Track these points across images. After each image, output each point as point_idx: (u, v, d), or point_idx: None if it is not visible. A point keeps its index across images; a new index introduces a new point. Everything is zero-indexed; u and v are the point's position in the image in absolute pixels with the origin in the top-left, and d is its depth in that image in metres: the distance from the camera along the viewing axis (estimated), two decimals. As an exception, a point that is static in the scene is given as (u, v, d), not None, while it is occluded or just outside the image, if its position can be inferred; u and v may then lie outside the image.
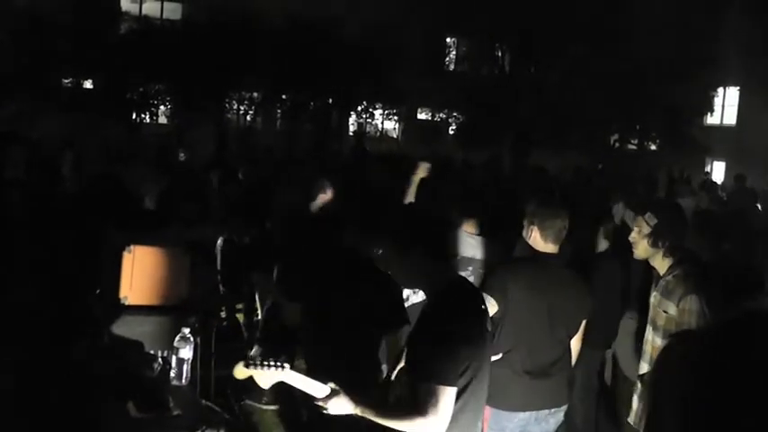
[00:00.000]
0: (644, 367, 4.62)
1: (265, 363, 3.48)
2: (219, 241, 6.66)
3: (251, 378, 3.44)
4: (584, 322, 5.03)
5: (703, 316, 4.23)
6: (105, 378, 3.51)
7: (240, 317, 8.22)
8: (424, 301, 3.85)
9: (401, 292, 4.81)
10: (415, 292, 5.71)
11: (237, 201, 8.66)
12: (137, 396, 3.53)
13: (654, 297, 4.56)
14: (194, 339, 4.04)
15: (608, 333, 6.59)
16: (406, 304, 5.57)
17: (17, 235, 5.81)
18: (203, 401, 4.30)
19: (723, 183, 22.38)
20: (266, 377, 3.51)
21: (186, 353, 3.95)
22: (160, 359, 3.80)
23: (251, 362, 3.53)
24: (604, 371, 6.96)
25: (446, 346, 3.31)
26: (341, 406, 3.42)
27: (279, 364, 3.50)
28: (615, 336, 6.62)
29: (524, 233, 4.98)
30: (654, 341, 4.52)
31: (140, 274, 3.95)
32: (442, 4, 22.73)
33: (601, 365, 6.85)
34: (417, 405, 3.27)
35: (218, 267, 6.57)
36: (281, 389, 3.59)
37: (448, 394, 3.25)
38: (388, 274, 4.53)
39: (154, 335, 3.90)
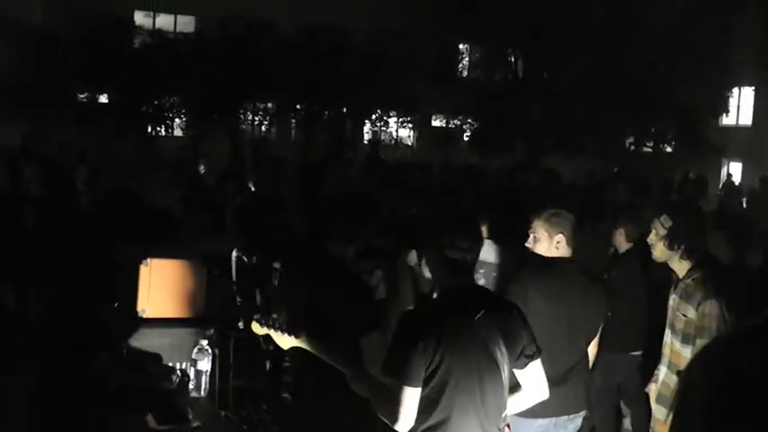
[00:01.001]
0: (662, 370, 4.59)
1: (282, 329, 3.56)
2: (234, 253, 6.66)
3: None
4: (600, 326, 5.02)
5: (723, 320, 4.19)
6: (124, 391, 3.52)
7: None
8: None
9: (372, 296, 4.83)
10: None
11: (246, 212, 8.67)
12: (156, 408, 3.54)
13: (672, 300, 4.53)
14: (212, 351, 4.04)
15: (634, 335, 6.56)
16: None
17: (33, 250, 5.83)
18: (222, 413, 4.31)
19: (741, 184, 22.24)
20: (284, 340, 3.58)
21: (204, 364, 3.97)
22: (179, 371, 3.82)
23: (265, 323, 3.59)
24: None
25: (412, 346, 3.33)
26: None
27: (296, 333, 3.57)
28: (644, 338, 6.59)
29: (532, 241, 4.97)
30: (672, 344, 4.49)
31: (158, 286, 3.97)
32: (454, 11, 22.72)
33: (637, 368, 6.78)
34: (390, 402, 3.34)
35: (234, 278, 6.58)
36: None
37: (409, 394, 3.29)
38: (358, 278, 4.61)
39: (172, 347, 3.91)
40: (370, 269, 5.98)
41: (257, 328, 3.67)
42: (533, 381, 3.71)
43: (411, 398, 3.33)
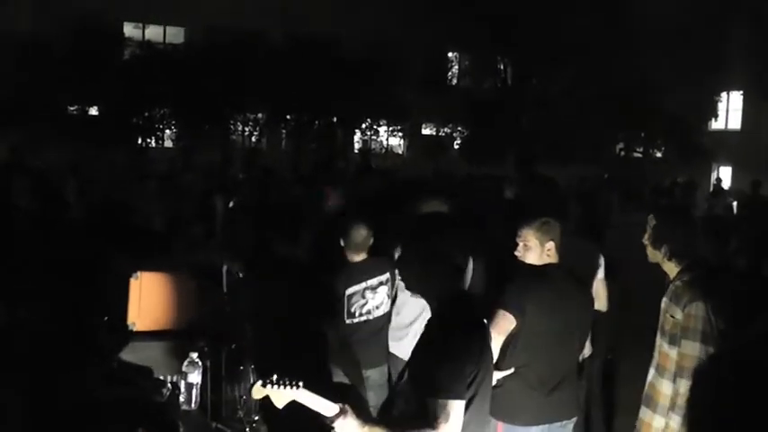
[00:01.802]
0: (651, 372, 4.59)
1: (281, 382, 3.50)
2: (224, 264, 6.66)
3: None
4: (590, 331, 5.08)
5: (708, 322, 4.20)
6: (114, 404, 3.51)
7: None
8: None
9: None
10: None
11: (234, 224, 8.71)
12: (147, 422, 3.52)
13: (663, 302, 4.55)
14: (203, 363, 4.03)
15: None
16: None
17: (23, 262, 5.82)
18: (214, 425, 4.29)
19: (731, 187, 22.33)
20: (281, 396, 3.53)
21: (195, 377, 3.95)
22: (169, 384, 3.80)
23: (268, 381, 3.54)
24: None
25: (453, 359, 3.31)
26: (349, 425, 3.42)
27: (294, 383, 3.51)
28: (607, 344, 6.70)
29: (522, 250, 4.97)
30: (661, 346, 4.50)
31: (148, 299, 3.96)
32: (442, 19, 22.78)
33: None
34: (427, 420, 3.27)
35: (225, 290, 6.57)
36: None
37: (457, 407, 3.27)
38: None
39: (162, 360, 3.90)
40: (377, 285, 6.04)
41: (258, 392, 3.63)
42: None
43: (461, 411, 3.30)
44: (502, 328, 4.60)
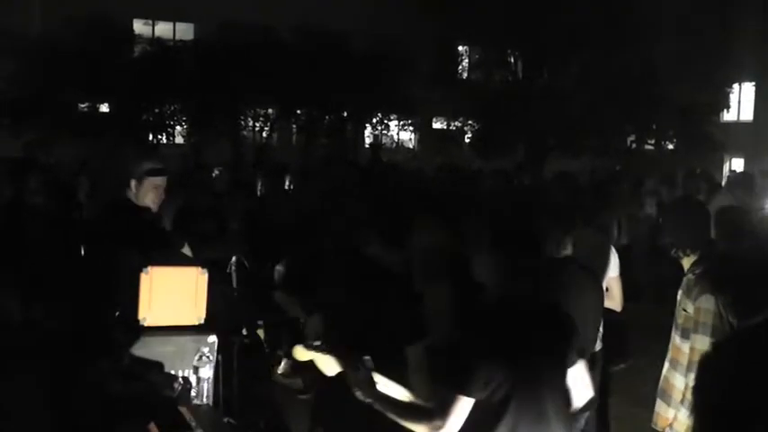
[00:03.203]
0: (665, 366, 4.58)
1: (327, 350, 3.50)
2: (233, 259, 6.68)
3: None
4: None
5: (718, 316, 4.18)
6: (126, 400, 3.52)
7: (261, 333, 8.22)
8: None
9: (420, 302, 4.78)
10: None
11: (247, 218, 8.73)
12: (158, 417, 3.53)
13: (678, 295, 4.54)
14: (216, 358, 4.04)
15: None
16: None
17: (35, 260, 5.84)
18: (226, 420, 4.30)
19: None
20: (330, 364, 3.53)
21: (206, 372, 3.96)
22: (181, 379, 3.80)
23: (312, 345, 3.54)
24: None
25: (473, 355, 3.29)
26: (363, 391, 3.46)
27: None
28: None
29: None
30: (674, 339, 4.49)
31: (158, 294, 3.95)
32: (452, 12, 22.72)
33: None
34: (433, 408, 3.28)
35: (235, 285, 6.60)
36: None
37: (461, 403, 3.25)
38: (408, 283, 4.58)
39: (174, 355, 3.90)
40: None
41: (301, 354, 3.62)
42: (581, 379, 3.68)
43: (465, 408, 3.28)
44: None
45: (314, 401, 4.91)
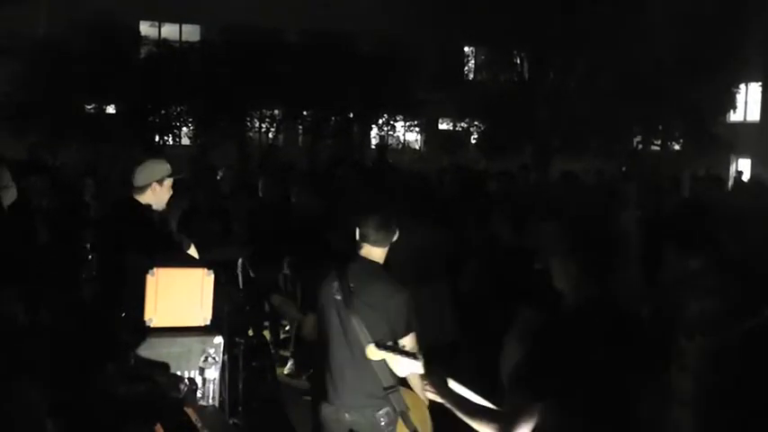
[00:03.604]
0: (672, 368, 4.58)
1: (400, 351, 3.48)
2: (240, 261, 6.69)
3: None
4: None
5: (712, 317, 4.18)
6: (132, 401, 3.52)
7: (267, 334, 8.23)
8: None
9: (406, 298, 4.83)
10: None
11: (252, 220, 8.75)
12: (164, 418, 3.54)
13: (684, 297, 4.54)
14: (222, 359, 4.05)
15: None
16: None
17: (42, 262, 5.86)
18: (232, 421, 4.31)
19: (750, 180, 22.17)
20: (402, 365, 3.51)
21: (212, 373, 3.97)
22: (187, 380, 3.81)
23: (385, 345, 3.53)
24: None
25: (552, 361, 3.25)
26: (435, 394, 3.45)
27: (412, 352, 3.49)
28: None
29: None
30: (679, 341, 4.49)
31: (164, 295, 3.96)
32: (458, 13, 22.71)
33: None
34: (505, 412, 3.24)
35: (241, 286, 6.61)
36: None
37: (533, 410, 3.21)
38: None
39: (180, 356, 3.91)
40: None
41: (374, 353, 3.61)
42: None
43: (536, 415, 3.24)
44: None
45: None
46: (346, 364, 4.80)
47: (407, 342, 4.68)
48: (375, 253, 4.91)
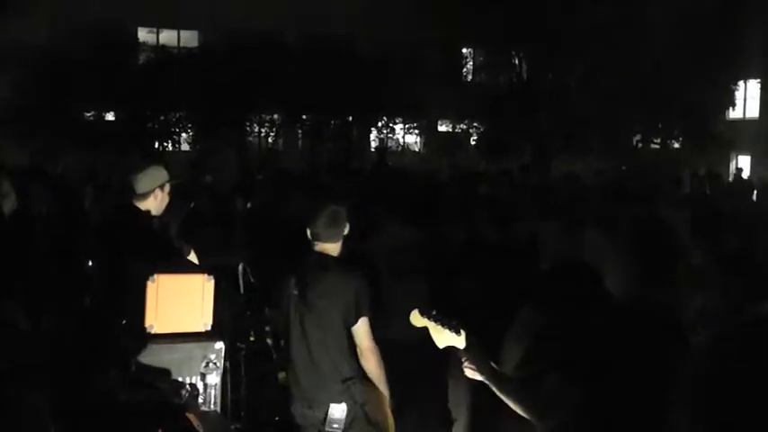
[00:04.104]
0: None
1: (443, 322, 3.45)
2: (241, 266, 6.69)
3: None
4: None
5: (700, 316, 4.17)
6: (133, 407, 3.52)
7: (269, 339, 8.20)
8: None
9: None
10: None
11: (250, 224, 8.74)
12: (166, 424, 3.54)
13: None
14: (223, 364, 4.05)
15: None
16: None
17: (43, 268, 5.86)
18: (234, 426, 4.31)
19: (750, 177, 22.20)
20: (443, 337, 3.48)
21: (214, 378, 3.96)
22: (188, 386, 3.81)
23: (429, 313, 3.50)
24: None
25: (596, 352, 3.21)
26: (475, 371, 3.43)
27: (456, 325, 3.45)
28: None
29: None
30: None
31: (165, 301, 3.97)
32: (455, 15, 22.70)
33: None
34: (543, 397, 3.22)
35: (242, 291, 6.61)
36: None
37: (571, 396, 3.20)
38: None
39: (181, 362, 3.91)
40: None
41: (417, 320, 3.57)
42: None
43: (574, 404, 3.22)
44: None
45: None
46: (305, 358, 4.91)
47: (360, 327, 4.85)
48: (329, 249, 5.04)
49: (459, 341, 3.47)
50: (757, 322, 1.29)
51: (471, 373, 3.47)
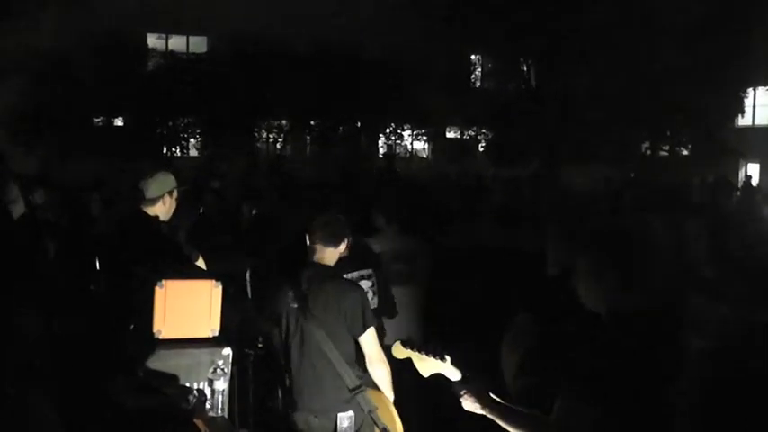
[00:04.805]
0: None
1: (426, 350, 3.41)
2: (248, 271, 6.68)
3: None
4: None
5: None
6: (141, 413, 3.53)
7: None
8: None
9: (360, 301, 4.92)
10: None
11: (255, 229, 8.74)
12: (173, 430, 3.54)
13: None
14: (231, 370, 4.04)
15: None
16: None
17: (50, 276, 5.87)
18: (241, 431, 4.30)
19: (759, 184, 22.14)
20: (427, 365, 3.43)
21: (221, 384, 3.96)
22: (195, 391, 3.81)
23: (411, 344, 3.47)
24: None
25: (600, 372, 3.14)
26: (475, 403, 3.36)
27: (440, 353, 3.41)
28: None
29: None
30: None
31: (173, 307, 3.96)
32: (464, 22, 22.72)
33: None
34: (554, 422, 3.16)
35: (249, 296, 6.59)
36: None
37: (584, 415, 3.13)
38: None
39: (189, 368, 3.90)
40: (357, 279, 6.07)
41: (400, 352, 3.55)
42: None
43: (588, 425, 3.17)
44: None
45: None
46: (308, 369, 4.89)
47: (368, 337, 4.84)
48: (327, 256, 5.02)
49: (445, 368, 3.43)
50: (764, 329, 1.28)
51: (470, 406, 3.41)
